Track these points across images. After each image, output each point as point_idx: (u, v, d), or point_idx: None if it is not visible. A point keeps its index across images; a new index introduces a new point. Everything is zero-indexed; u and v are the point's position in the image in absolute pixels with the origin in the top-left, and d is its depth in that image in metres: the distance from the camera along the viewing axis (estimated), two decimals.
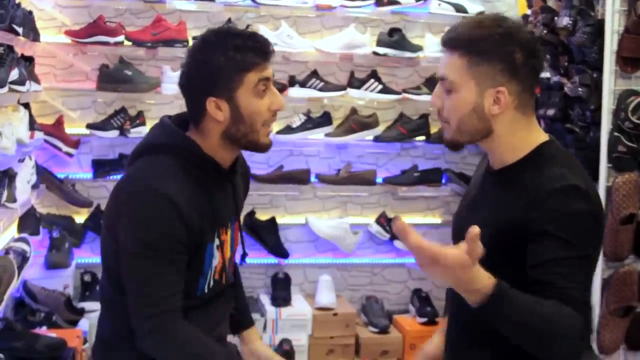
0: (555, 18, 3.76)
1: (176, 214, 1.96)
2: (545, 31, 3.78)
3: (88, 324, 3.91)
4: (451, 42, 1.94)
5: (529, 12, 4.18)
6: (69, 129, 4.34)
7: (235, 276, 2.40)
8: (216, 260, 2.12)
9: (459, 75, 1.91)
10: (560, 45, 3.77)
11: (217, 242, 2.11)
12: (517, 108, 1.92)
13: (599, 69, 3.51)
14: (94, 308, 4.01)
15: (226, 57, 1.99)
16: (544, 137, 1.96)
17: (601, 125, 3.50)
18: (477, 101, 1.90)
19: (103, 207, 2.47)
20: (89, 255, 4.44)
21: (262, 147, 2.09)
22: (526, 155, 1.92)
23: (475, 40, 1.89)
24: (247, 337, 2.47)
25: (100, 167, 4.38)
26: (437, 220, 4.86)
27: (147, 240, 1.97)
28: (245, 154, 2.14)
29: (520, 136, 1.93)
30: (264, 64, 2.04)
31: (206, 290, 2.12)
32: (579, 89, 3.52)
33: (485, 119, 1.91)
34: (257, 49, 2.03)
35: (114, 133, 4.32)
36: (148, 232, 1.97)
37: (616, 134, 3.43)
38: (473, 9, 4.61)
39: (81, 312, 4.00)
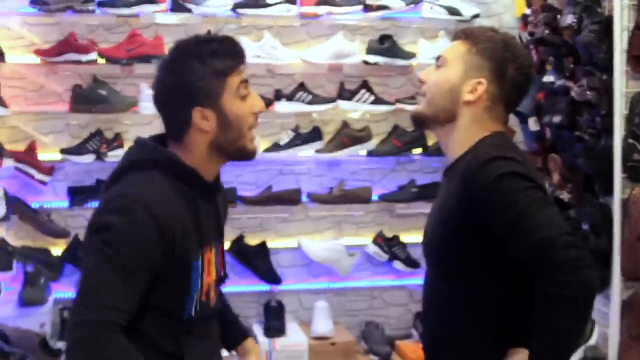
0: (558, 16, 3.59)
1: (153, 225, 1.90)
2: (547, 31, 3.61)
3: None
4: (459, 33, 2.16)
5: (528, 11, 3.99)
6: (42, 155, 4.19)
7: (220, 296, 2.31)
8: (202, 281, 2.05)
9: (453, 57, 2.10)
10: (564, 46, 3.58)
11: (201, 260, 2.04)
12: (486, 110, 2.07)
13: (609, 70, 3.30)
14: None
15: (205, 65, 1.98)
16: (490, 132, 2.08)
17: (613, 132, 3.28)
18: (456, 83, 2.07)
19: (82, 237, 2.38)
20: (68, 290, 4.20)
21: (250, 154, 2.08)
22: (468, 149, 2.04)
23: (481, 37, 2.11)
24: (245, 350, 2.36)
25: (77, 195, 4.20)
26: None
27: (113, 243, 1.89)
28: (232, 175, 2.04)
29: (473, 133, 2.06)
30: (241, 67, 2.05)
31: (193, 314, 2.04)
32: (587, 92, 3.31)
33: (456, 102, 2.07)
34: (233, 52, 2.04)
35: (90, 157, 4.15)
36: (117, 235, 1.89)
37: (630, 141, 3.21)
38: (468, 11, 4.47)
39: (57, 354, 3.78)
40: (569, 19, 3.42)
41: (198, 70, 1.98)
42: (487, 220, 1.94)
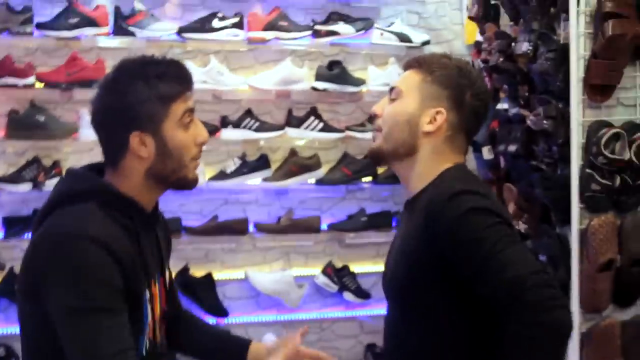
0: (513, 44, 3.54)
1: (109, 256, 1.79)
2: (501, 58, 3.55)
3: None
4: (412, 62, 2.10)
5: (480, 38, 3.95)
6: None
7: (186, 318, 2.25)
8: (152, 317, 1.96)
9: (408, 87, 2.04)
10: (518, 74, 3.52)
11: (147, 294, 1.94)
12: (447, 140, 2.02)
13: (565, 98, 3.25)
14: None
15: (149, 87, 1.89)
16: (452, 164, 2.04)
17: (571, 162, 3.23)
18: (414, 114, 2.01)
19: (17, 269, 2.25)
20: (3, 326, 4.05)
21: (190, 184, 1.99)
22: (430, 182, 1.99)
23: (435, 65, 2.05)
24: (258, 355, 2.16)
25: (12, 226, 4.04)
26: None
27: (79, 294, 1.76)
28: (176, 204, 1.95)
29: (434, 165, 2.01)
30: (188, 94, 1.96)
31: (144, 353, 1.91)
32: (544, 121, 3.26)
33: (415, 135, 2.01)
34: (181, 77, 1.95)
35: (27, 186, 4.00)
36: (80, 281, 1.77)
37: (588, 170, 3.16)
38: (418, 38, 4.46)
39: None
40: (524, 47, 3.38)
41: (142, 92, 1.88)
42: (453, 258, 1.86)
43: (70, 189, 1.92)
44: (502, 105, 3.73)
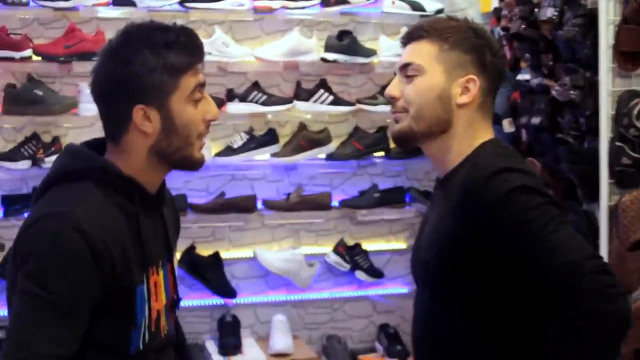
0: (536, 10, 3.41)
1: (86, 248, 1.69)
2: (523, 26, 3.44)
3: None
4: (417, 32, 1.93)
5: (497, 4, 3.82)
6: None
7: (177, 334, 2.11)
8: (150, 307, 1.86)
9: (426, 60, 1.89)
10: (542, 42, 3.40)
11: (147, 284, 1.85)
12: (479, 108, 1.91)
13: (594, 67, 3.13)
14: None
15: (157, 56, 1.78)
16: (488, 137, 1.93)
17: (599, 134, 3.12)
18: (444, 87, 1.88)
19: None
20: (2, 308, 3.83)
21: (196, 164, 1.90)
22: (466, 157, 1.89)
23: (447, 29, 1.91)
24: None
25: (11, 204, 3.95)
26: (402, 245, 4.56)
27: (41, 278, 1.66)
28: (181, 181, 1.86)
29: (469, 139, 1.90)
30: (199, 66, 1.85)
31: (141, 347, 1.83)
32: (571, 91, 3.15)
33: (449, 109, 1.88)
34: (192, 47, 1.84)
35: (26, 164, 3.90)
36: (44, 268, 1.67)
37: (618, 143, 3.05)
38: (431, 6, 4.34)
39: None
40: (548, 12, 3.25)
41: (149, 61, 1.77)
42: (495, 242, 1.74)
43: (67, 167, 1.83)
44: (524, 76, 3.63)
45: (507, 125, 3.71)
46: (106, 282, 1.72)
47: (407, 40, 1.96)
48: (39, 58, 3.90)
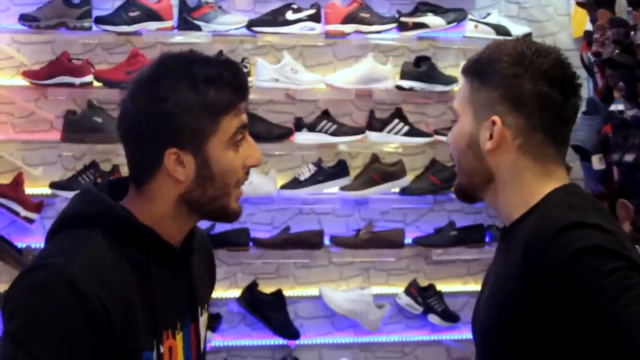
0: (632, 33, 3.25)
1: (77, 310, 1.51)
2: (617, 50, 3.29)
3: None
4: (464, 67, 1.77)
5: (591, 27, 3.65)
6: (30, 189, 4.00)
7: None
8: None
9: (461, 103, 1.74)
10: (638, 68, 3.24)
11: (158, 350, 1.68)
12: (522, 150, 1.68)
13: None
14: None
15: (196, 93, 1.62)
16: (560, 183, 1.70)
17: None
18: (472, 133, 1.70)
19: None
20: None
21: (232, 216, 1.74)
22: (532, 206, 1.67)
23: (482, 62, 1.71)
24: None
25: None
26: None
27: (24, 341, 1.50)
28: (245, 214, 1.82)
29: (530, 186, 1.69)
30: (242, 105, 1.68)
31: None
32: None
33: (481, 157, 1.70)
34: (236, 84, 1.67)
35: None
36: (29, 330, 1.50)
37: None
38: (517, 30, 4.20)
39: None
40: None
41: (186, 98, 1.61)
42: (561, 316, 1.51)
43: (76, 211, 1.68)
44: (617, 107, 3.50)
45: (597, 162, 3.58)
46: (100, 350, 1.54)
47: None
48: (100, 84, 3.95)
